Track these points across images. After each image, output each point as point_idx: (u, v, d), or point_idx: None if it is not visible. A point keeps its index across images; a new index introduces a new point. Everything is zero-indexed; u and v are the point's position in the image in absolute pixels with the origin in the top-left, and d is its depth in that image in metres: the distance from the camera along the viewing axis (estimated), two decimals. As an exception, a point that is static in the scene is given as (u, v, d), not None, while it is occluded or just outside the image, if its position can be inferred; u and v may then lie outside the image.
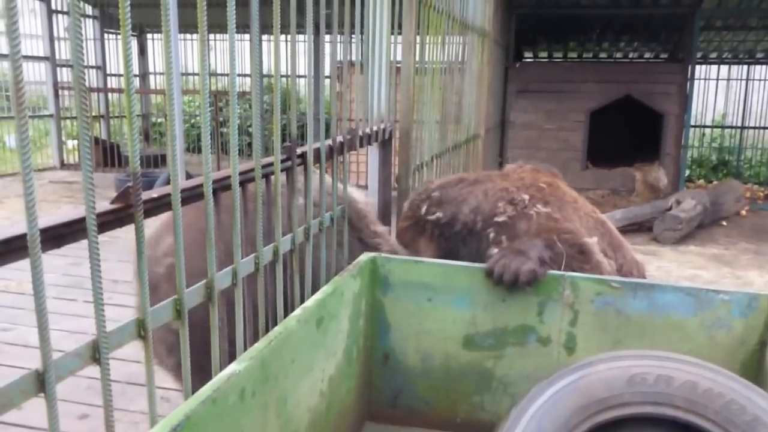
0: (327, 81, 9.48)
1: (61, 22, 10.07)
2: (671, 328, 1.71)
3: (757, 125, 11.33)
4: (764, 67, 11.30)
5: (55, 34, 9.97)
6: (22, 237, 0.94)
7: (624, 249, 2.20)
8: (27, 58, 9.53)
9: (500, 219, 2.06)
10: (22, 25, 9.61)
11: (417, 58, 3.05)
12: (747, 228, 7.33)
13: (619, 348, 1.70)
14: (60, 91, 10.04)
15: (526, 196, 2.10)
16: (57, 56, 9.95)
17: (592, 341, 1.76)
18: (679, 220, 6.47)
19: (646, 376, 1.34)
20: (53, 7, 9.94)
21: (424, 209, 2.21)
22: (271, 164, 1.58)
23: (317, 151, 1.83)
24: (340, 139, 2.04)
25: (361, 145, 2.30)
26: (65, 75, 9.98)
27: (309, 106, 1.75)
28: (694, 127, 10.18)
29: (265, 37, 8.94)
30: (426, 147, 3.30)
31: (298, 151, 1.73)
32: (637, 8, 8.91)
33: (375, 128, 2.53)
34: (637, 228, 6.82)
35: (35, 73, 10.03)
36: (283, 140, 1.63)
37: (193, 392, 1.12)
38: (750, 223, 7.61)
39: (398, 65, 3.01)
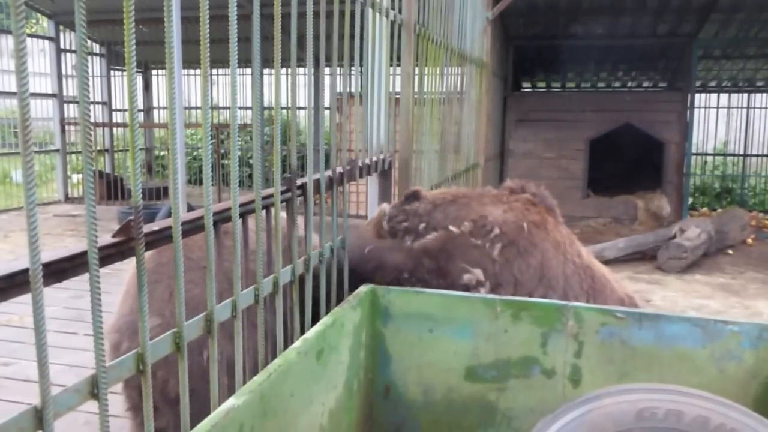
0: (327, 113, 9.60)
1: (70, 61, 10.31)
2: (679, 360, 1.66)
3: (760, 153, 11.33)
4: (765, 95, 11.35)
5: (64, 72, 10.20)
6: (25, 272, 0.95)
7: (606, 293, 2.17)
8: (36, 95, 9.72)
9: (454, 229, 2.10)
10: (33, 63, 9.82)
11: (416, 89, 3.10)
12: (754, 257, 7.22)
13: (626, 380, 1.65)
14: (66, 127, 10.22)
15: (498, 231, 2.11)
16: (65, 93, 10.16)
17: (597, 373, 1.72)
18: (683, 248, 6.42)
19: (656, 411, 1.29)
20: (62, 46, 10.20)
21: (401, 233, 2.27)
22: (271, 195, 1.59)
23: (317, 182, 1.84)
24: (339, 169, 2.05)
25: (361, 176, 2.31)
26: (72, 111, 10.18)
27: (309, 138, 1.77)
28: (696, 155, 10.19)
29: (266, 70, 9.10)
30: (425, 177, 3.32)
31: (298, 182, 1.75)
32: (634, 38, 9.04)
33: (374, 159, 2.54)
34: (640, 257, 6.78)
35: (44, 109, 10.23)
36: (284, 171, 1.64)
37: (192, 427, 1.11)
38: (757, 251, 7.49)
39: (397, 96, 3.05)
